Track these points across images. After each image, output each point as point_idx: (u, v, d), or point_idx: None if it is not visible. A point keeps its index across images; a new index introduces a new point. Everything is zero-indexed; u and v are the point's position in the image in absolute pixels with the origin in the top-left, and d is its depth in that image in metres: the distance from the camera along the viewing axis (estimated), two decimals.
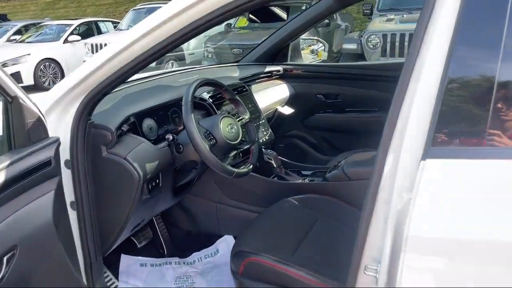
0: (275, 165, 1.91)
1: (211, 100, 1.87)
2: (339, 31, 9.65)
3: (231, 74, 2.29)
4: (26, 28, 12.07)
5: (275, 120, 2.54)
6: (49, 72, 9.00)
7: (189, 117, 1.46)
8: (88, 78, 1.27)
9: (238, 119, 1.69)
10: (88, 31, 10.82)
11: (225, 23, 9.55)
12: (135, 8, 10.38)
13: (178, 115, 1.75)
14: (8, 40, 11.22)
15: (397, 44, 6.01)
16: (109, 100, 1.58)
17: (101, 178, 1.42)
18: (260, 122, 2.08)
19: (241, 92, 2.06)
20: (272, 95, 2.44)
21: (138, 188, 1.42)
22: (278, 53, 2.66)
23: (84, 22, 11.11)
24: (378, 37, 6.18)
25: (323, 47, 3.27)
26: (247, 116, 1.75)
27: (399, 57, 5.99)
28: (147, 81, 1.93)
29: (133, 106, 1.59)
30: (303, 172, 2.06)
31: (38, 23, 11.85)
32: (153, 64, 8.52)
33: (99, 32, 10.90)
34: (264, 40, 2.63)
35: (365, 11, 7.57)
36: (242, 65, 2.62)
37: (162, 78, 2.06)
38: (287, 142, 2.81)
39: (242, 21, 8.59)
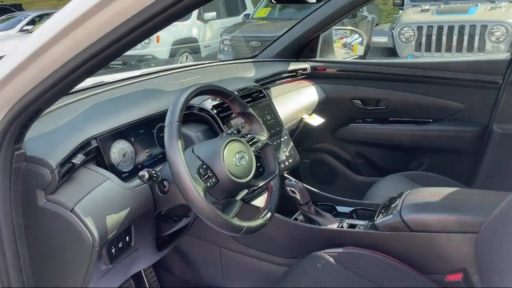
0: (301, 201, 1.39)
1: (215, 111, 1.35)
2: (365, 23, 9.01)
3: (245, 73, 1.77)
4: (39, 18, 11.76)
5: (300, 131, 2.01)
6: None
7: (173, 146, 0.95)
8: (6, 85, 0.77)
9: (251, 142, 1.17)
10: None
11: (244, 13, 9.04)
12: None
13: None
14: (21, 31, 10.92)
15: (433, 37, 5.39)
16: (60, 115, 1.08)
17: (38, 240, 0.92)
18: (282, 139, 1.56)
19: (257, 99, 1.54)
20: (296, 101, 1.91)
21: (93, 255, 0.92)
22: (304, 47, 2.12)
23: None
24: (412, 30, 5.57)
25: (359, 39, 2.66)
26: (264, 137, 1.23)
27: (435, 52, 5.39)
28: (128, 84, 1.42)
29: (98, 123, 1.09)
30: (339, 209, 1.53)
31: (52, 13, 11.54)
32: (166, 56, 8.08)
33: None
34: (287, 30, 2.10)
35: (396, 1, 7.01)
36: (259, 61, 2.09)
37: (153, 80, 1.55)
38: (313, 157, 2.28)
39: (262, 12, 8.03)
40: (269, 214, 1.13)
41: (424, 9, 5.90)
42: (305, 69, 2.07)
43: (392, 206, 1.31)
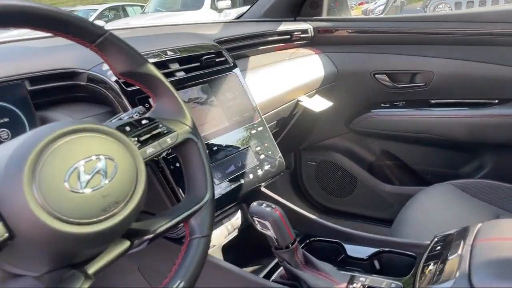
0: (278, 243, 0.76)
1: (118, 87, 0.74)
2: (393, 8, 8.23)
3: (206, 31, 1.15)
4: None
5: (298, 121, 1.38)
6: None
7: None
8: None
9: (147, 136, 0.55)
10: (116, 17, 10.20)
11: None
12: None
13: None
14: None
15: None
16: None
17: None
18: (253, 132, 0.93)
19: (210, 65, 0.92)
20: (290, 76, 1.28)
21: None
22: (303, 2, 1.48)
23: (111, 7, 10.50)
24: (449, 6, 4.83)
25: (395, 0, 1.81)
26: (184, 127, 0.60)
27: None
28: None
29: None
30: (350, 251, 0.89)
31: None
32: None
33: (126, 16, 10.21)
34: None
35: None
36: (240, 21, 1.47)
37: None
38: (321, 158, 1.64)
39: None
40: None
41: None
42: (305, 31, 1.43)
43: (450, 257, 0.67)
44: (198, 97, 0.86)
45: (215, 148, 0.84)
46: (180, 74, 0.85)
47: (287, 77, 1.26)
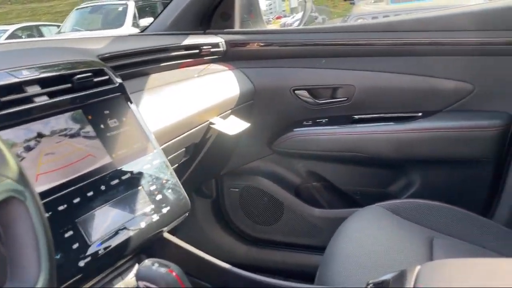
0: None
1: None
2: (316, 24, 8.50)
3: (91, 45, 0.95)
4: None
5: (213, 145, 1.22)
6: None
7: None
8: None
9: None
10: (29, 37, 9.51)
11: None
12: (78, 7, 8.91)
13: None
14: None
15: None
16: None
17: None
18: (146, 167, 0.75)
19: (87, 87, 0.73)
20: (199, 96, 1.12)
21: None
22: (213, 12, 1.34)
23: (24, 27, 9.79)
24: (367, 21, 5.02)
25: (317, 17, 1.76)
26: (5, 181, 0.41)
27: None
28: None
29: None
30: None
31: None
32: None
33: (41, 37, 9.56)
34: None
35: None
36: (143, 35, 1.29)
37: None
38: (244, 183, 1.49)
39: None
40: None
41: (378, 0, 5.45)
42: (216, 45, 1.28)
43: None
44: (66, 128, 0.67)
45: (90, 193, 0.65)
46: (41, 100, 0.66)
47: (195, 97, 1.10)
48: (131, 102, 0.80)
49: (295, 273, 1.38)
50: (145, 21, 7.69)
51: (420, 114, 1.22)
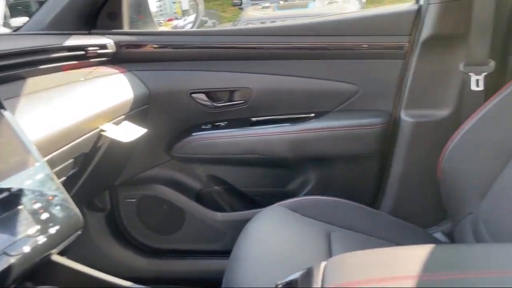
0: None
1: None
2: (206, 28, 8.53)
3: None
4: None
5: (106, 153, 1.13)
6: None
7: None
8: None
9: None
10: None
11: None
12: None
13: None
14: None
15: None
16: None
17: None
18: (29, 182, 0.65)
19: None
20: (88, 100, 1.03)
21: None
22: (100, 10, 1.25)
23: None
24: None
25: (207, 21, 1.74)
26: None
27: None
28: None
29: None
30: None
31: None
32: None
33: None
34: None
35: (235, 1, 6.88)
36: (16, 34, 1.15)
37: None
38: (141, 192, 1.41)
39: None
40: None
41: (265, 6, 5.76)
42: (103, 46, 1.19)
43: None
44: None
45: None
46: None
47: (83, 102, 1.00)
48: (4, 109, 0.69)
49: (202, 280, 1.35)
50: (18, 21, 6.95)
51: (313, 114, 1.28)
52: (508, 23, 1.09)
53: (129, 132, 1.10)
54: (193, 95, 1.27)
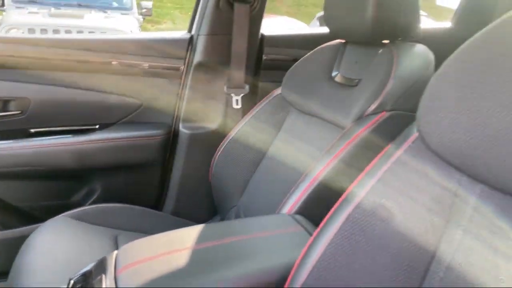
0: None
1: None
2: None
3: None
4: None
5: None
6: None
7: None
8: None
9: None
10: None
11: None
12: None
13: None
14: None
15: None
16: None
17: None
18: None
19: None
20: None
21: None
22: None
23: None
24: (23, 32, 4.67)
25: None
26: None
27: None
28: None
29: None
30: None
31: None
32: None
33: None
34: None
35: None
36: None
37: None
38: None
39: None
40: None
41: (32, 12, 5.20)
42: None
43: None
44: None
45: None
46: None
47: None
48: None
49: None
50: None
51: (97, 126, 1.33)
52: (257, 58, 1.42)
53: None
54: None
